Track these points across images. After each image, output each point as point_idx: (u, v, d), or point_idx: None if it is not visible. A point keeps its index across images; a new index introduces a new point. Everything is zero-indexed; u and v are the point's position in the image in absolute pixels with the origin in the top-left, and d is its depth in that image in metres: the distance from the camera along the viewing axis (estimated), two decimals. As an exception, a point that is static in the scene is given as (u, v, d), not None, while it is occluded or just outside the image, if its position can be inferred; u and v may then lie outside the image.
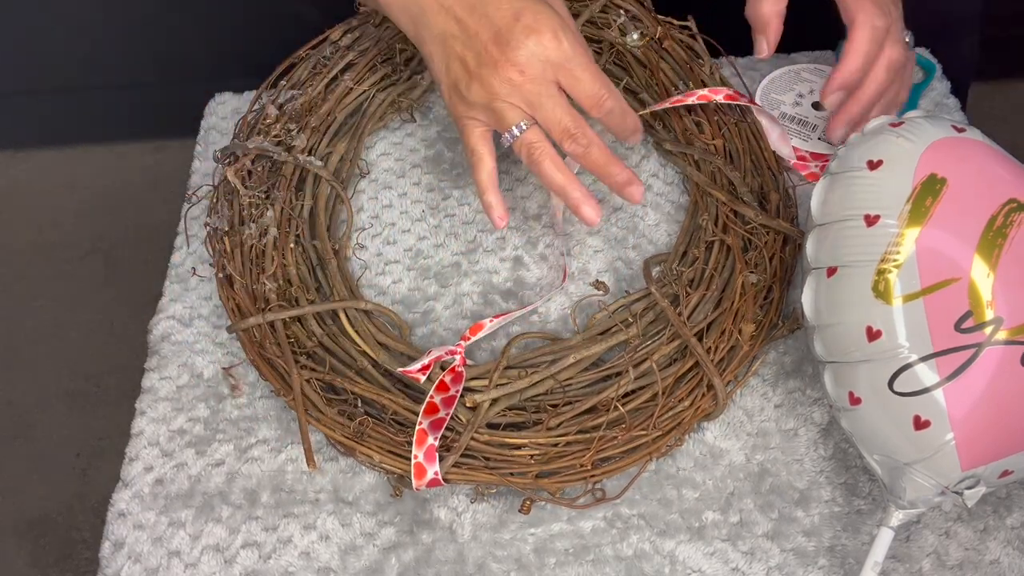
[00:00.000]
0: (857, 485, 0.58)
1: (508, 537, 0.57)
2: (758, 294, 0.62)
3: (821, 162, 0.70)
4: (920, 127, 0.54)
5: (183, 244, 0.71)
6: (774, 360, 0.63)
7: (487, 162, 0.62)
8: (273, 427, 0.61)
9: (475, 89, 0.60)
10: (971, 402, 0.49)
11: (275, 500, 0.59)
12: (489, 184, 0.63)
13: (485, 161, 0.62)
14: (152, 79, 1.70)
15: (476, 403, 0.58)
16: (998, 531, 0.56)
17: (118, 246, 1.69)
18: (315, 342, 0.62)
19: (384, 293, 0.67)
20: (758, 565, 0.55)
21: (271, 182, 0.68)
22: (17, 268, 1.68)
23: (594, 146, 0.61)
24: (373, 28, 0.76)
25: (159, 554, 0.57)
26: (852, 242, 0.52)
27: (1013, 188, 0.52)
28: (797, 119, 0.71)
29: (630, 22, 0.74)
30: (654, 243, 0.68)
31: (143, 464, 0.61)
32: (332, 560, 0.57)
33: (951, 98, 0.75)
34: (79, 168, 1.79)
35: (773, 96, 0.72)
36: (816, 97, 0.72)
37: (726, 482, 0.58)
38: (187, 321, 0.67)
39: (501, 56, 0.59)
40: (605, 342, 0.61)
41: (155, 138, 1.79)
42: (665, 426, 0.58)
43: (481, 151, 0.62)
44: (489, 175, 0.62)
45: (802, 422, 0.60)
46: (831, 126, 0.68)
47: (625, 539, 0.56)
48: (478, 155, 0.62)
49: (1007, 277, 0.50)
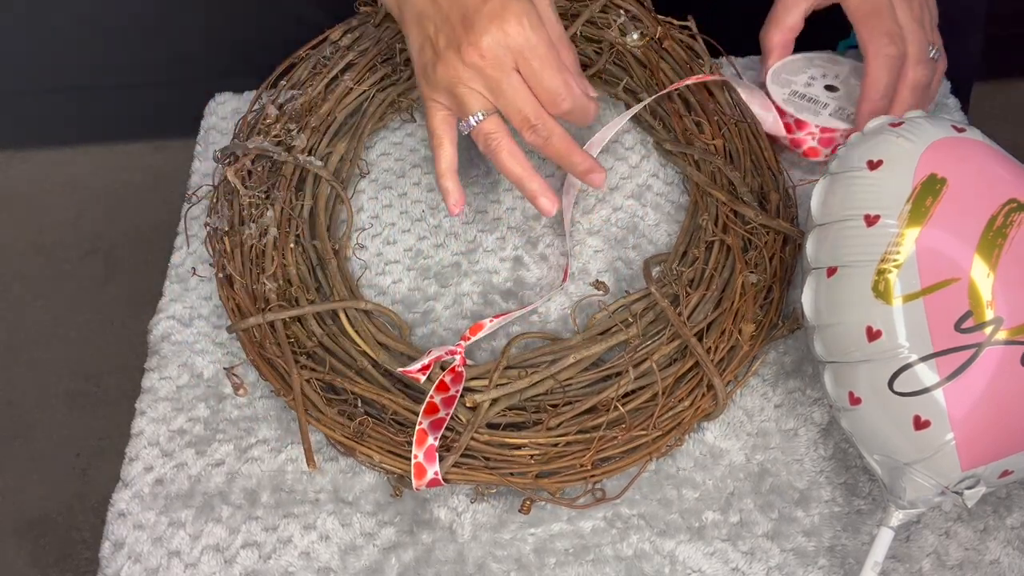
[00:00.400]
0: (857, 485, 0.58)
1: (508, 537, 0.57)
2: (758, 294, 0.62)
3: (829, 134, 0.69)
4: (920, 127, 0.54)
5: (183, 244, 0.71)
6: (774, 360, 0.63)
7: (447, 147, 0.63)
8: (273, 427, 0.61)
9: (440, 71, 0.60)
10: (971, 402, 0.49)
11: (275, 500, 0.59)
12: (447, 169, 0.63)
13: (444, 146, 0.62)
14: (152, 79, 1.70)
15: (476, 403, 0.58)
16: (998, 531, 0.56)
17: (118, 246, 1.70)
18: (315, 342, 0.62)
19: (384, 293, 0.67)
20: (758, 565, 0.55)
21: (271, 182, 0.68)
22: (17, 268, 1.68)
23: (555, 136, 0.61)
24: (373, 28, 0.76)
25: (159, 554, 0.57)
26: (852, 242, 0.52)
27: (1013, 188, 0.52)
28: (808, 97, 0.70)
29: (630, 22, 0.74)
30: (654, 243, 0.68)
31: (143, 464, 0.61)
32: (332, 560, 0.57)
33: (951, 98, 0.75)
34: (79, 168, 1.79)
35: (784, 76, 0.71)
36: (828, 81, 0.71)
37: (726, 482, 0.58)
38: (187, 321, 0.67)
39: (465, 39, 0.59)
40: (605, 342, 0.61)
41: (155, 138, 1.79)
42: (665, 426, 0.58)
43: (441, 135, 0.62)
44: (448, 161, 0.63)
45: (802, 422, 0.60)
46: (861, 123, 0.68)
47: (625, 539, 0.56)
48: (438, 139, 0.62)
49: (1007, 277, 0.50)
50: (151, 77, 1.70)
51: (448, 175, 0.63)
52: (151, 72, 1.70)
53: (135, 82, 1.72)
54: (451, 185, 0.63)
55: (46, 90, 1.73)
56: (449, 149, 0.63)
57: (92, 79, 1.72)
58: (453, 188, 0.63)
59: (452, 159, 0.63)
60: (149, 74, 1.70)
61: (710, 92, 0.71)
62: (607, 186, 0.71)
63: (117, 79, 1.71)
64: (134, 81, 1.72)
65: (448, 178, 0.63)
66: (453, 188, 0.63)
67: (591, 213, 0.70)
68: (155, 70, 1.69)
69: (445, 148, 0.63)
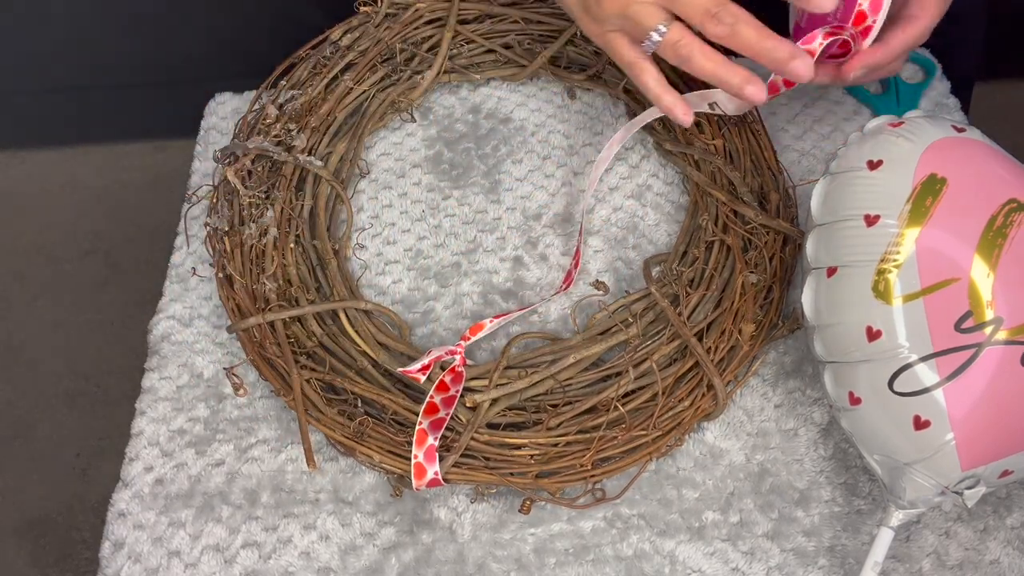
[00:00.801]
0: (857, 485, 0.58)
1: (508, 537, 0.57)
2: (758, 294, 0.62)
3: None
4: (920, 127, 0.54)
5: (183, 244, 0.70)
6: (774, 360, 0.63)
7: (648, 68, 0.61)
8: (273, 427, 0.61)
9: (605, 2, 0.59)
10: (971, 402, 0.49)
11: (275, 500, 0.59)
12: (660, 87, 0.61)
13: (646, 68, 0.61)
14: (152, 79, 1.70)
15: (476, 403, 0.58)
16: (998, 531, 0.56)
17: (118, 246, 1.69)
18: (315, 342, 0.62)
19: (384, 293, 0.67)
20: (758, 565, 0.55)
21: (271, 182, 0.68)
22: (17, 268, 1.68)
23: (741, 23, 0.56)
24: (373, 28, 0.76)
25: (159, 554, 0.57)
26: (852, 242, 0.52)
27: (1013, 188, 0.52)
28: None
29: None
30: (654, 243, 0.68)
31: (143, 464, 0.61)
32: (332, 560, 0.57)
33: (951, 98, 0.75)
34: (79, 168, 1.79)
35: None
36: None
37: (726, 482, 0.58)
38: (187, 321, 0.67)
39: None
40: (605, 342, 0.61)
41: (155, 138, 1.79)
42: (665, 426, 0.58)
43: (636, 59, 0.60)
44: (656, 79, 0.61)
45: (802, 422, 0.60)
46: (849, 64, 0.63)
47: (625, 539, 0.56)
48: (638, 66, 0.61)
49: (1007, 277, 0.50)
50: (151, 77, 1.70)
51: (665, 91, 0.61)
52: (151, 72, 1.69)
53: (135, 82, 1.72)
54: (671, 98, 0.61)
55: (46, 90, 1.73)
56: (652, 69, 0.61)
57: (92, 79, 1.72)
58: (675, 101, 0.61)
59: (660, 76, 0.61)
60: (149, 74, 1.70)
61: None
62: (607, 186, 0.71)
63: (117, 79, 1.71)
64: (134, 81, 1.71)
65: (667, 93, 0.61)
66: (675, 101, 0.61)
67: (591, 213, 0.70)
68: (155, 70, 1.69)
69: (647, 69, 0.61)
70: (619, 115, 0.74)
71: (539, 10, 0.75)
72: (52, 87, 1.73)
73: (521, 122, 0.75)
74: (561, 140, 0.74)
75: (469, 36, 0.75)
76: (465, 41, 0.75)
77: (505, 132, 0.74)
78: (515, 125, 0.75)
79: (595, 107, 0.75)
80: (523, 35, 0.76)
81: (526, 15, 0.75)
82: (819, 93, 0.75)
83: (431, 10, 0.75)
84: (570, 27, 0.74)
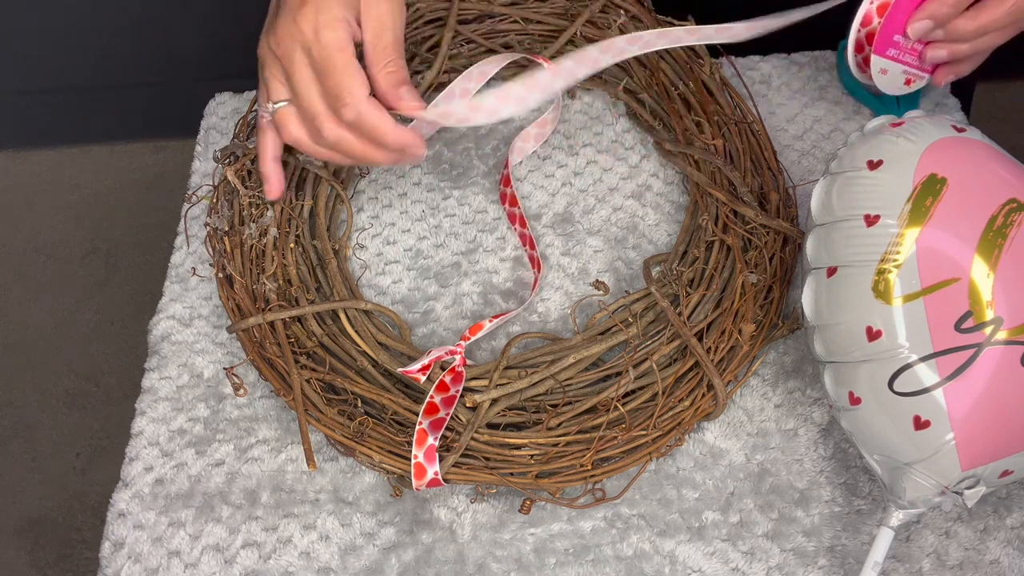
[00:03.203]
0: (857, 485, 0.58)
1: (508, 537, 0.57)
2: (758, 294, 0.62)
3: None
4: (920, 127, 0.54)
5: (183, 244, 0.70)
6: (774, 360, 0.63)
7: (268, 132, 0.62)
8: (273, 427, 0.61)
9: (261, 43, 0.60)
10: (971, 402, 0.49)
11: (275, 500, 0.59)
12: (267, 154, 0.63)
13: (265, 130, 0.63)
14: (152, 79, 1.70)
15: (476, 403, 0.58)
16: (998, 531, 0.56)
17: (118, 246, 1.69)
18: (315, 342, 0.62)
19: (384, 293, 0.67)
20: (758, 565, 0.55)
21: (271, 182, 0.68)
22: (17, 268, 1.68)
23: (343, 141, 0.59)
24: (373, 28, 0.76)
25: (159, 554, 0.57)
26: (852, 242, 0.52)
27: (1013, 188, 0.52)
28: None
29: (630, 22, 0.74)
30: (654, 243, 0.68)
31: (143, 464, 0.61)
32: (332, 560, 0.57)
33: (951, 98, 0.75)
34: (79, 168, 1.79)
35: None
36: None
37: (726, 482, 0.58)
38: (187, 321, 0.67)
39: (269, 24, 0.60)
40: (605, 342, 0.61)
41: (155, 138, 1.79)
42: (665, 426, 0.58)
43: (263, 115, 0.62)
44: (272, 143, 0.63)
45: (802, 422, 0.60)
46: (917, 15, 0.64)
47: (625, 539, 0.56)
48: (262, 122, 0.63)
49: (1007, 277, 0.50)
50: (151, 77, 1.70)
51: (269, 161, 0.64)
52: (151, 72, 1.69)
53: (135, 82, 1.72)
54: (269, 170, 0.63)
55: (46, 90, 1.73)
56: (272, 135, 0.62)
57: (92, 79, 1.72)
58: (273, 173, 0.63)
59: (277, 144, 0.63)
60: (149, 74, 1.70)
61: (710, 92, 0.71)
62: (607, 186, 0.71)
63: (117, 79, 1.71)
64: (134, 81, 1.71)
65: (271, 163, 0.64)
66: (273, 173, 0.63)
67: (591, 213, 0.70)
68: (155, 70, 1.69)
69: (267, 133, 0.63)
70: (619, 115, 0.75)
71: (539, 10, 0.75)
72: (52, 87, 1.73)
73: (521, 122, 0.75)
74: (561, 140, 0.74)
75: (469, 36, 0.75)
76: (465, 41, 0.75)
77: (505, 132, 0.74)
78: (515, 125, 0.75)
79: (595, 107, 0.75)
80: (523, 35, 0.75)
81: (526, 15, 0.75)
82: (819, 93, 0.75)
83: (431, 10, 0.75)
84: (570, 27, 0.74)
